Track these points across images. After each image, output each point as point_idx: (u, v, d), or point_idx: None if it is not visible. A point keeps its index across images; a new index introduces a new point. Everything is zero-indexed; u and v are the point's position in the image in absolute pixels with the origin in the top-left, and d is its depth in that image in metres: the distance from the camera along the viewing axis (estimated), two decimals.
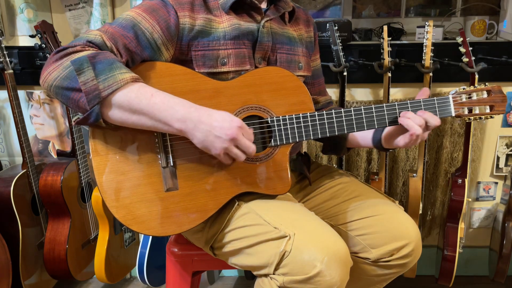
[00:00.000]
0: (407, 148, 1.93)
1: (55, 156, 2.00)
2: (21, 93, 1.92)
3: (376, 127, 1.14)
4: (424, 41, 1.66)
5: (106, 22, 1.20)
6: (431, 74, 1.69)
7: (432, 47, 1.66)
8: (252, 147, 1.01)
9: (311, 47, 1.36)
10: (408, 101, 1.13)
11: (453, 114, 1.15)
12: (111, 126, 1.03)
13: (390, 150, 1.26)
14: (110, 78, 0.96)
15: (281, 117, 1.11)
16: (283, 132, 1.12)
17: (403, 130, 1.12)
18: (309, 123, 1.12)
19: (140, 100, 0.97)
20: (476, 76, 1.67)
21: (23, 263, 1.74)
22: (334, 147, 1.36)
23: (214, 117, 0.99)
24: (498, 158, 1.95)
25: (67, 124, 1.95)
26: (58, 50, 0.99)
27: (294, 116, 1.12)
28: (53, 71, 0.97)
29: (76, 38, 1.03)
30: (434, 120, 1.10)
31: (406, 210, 1.50)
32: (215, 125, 0.98)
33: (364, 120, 1.13)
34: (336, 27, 1.69)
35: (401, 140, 1.14)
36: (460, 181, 1.76)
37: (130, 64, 1.05)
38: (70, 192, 1.79)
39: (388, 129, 1.18)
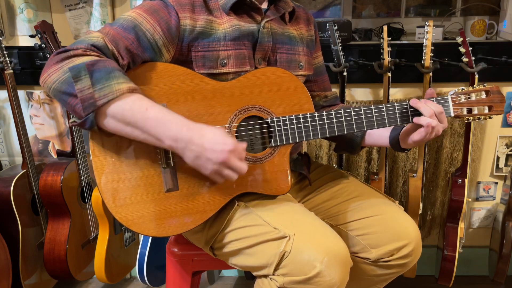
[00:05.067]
0: None
1: (55, 156, 2.00)
2: (21, 93, 1.92)
3: (376, 127, 1.14)
4: (424, 41, 1.66)
5: (107, 23, 1.20)
6: (431, 74, 1.69)
7: (432, 47, 1.66)
8: (243, 168, 1.01)
9: (312, 46, 1.36)
10: (407, 102, 1.13)
11: (452, 115, 1.15)
12: (106, 133, 1.02)
13: (407, 151, 1.23)
14: (106, 88, 0.95)
15: (281, 118, 1.11)
16: (283, 133, 1.12)
17: (418, 126, 1.12)
18: (309, 124, 1.12)
19: (133, 113, 0.96)
20: (476, 76, 1.67)
21: (23, 263, 1.74)
22: (348, 146, 1.34)
23: (206, 138, 0.98)
24: (498, 158, 1.95)
25: (67, 124, 1.95)
26: (59, 52, 0.99)
27: (294, 116, 1.12)
28: (53, 74, 0.97)
29: (78, 40, 1.02)
30: (436, 107, 1.10)
31: (406, 210, 1.50)
32: (206, 147, 0.97)
33: (364, 121, 1.13)
34: (336, 27, 1.68)
35: (415, 135, 1.12)
36: (460, 181, 1.76)
37: (132, 66, 1.05)
38: (70, 192, 1.79)
39: (406, 128, 1.16)
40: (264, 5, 1.21)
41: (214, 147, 0.97)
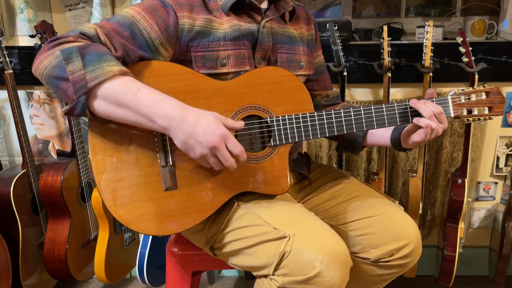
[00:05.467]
0: None
1: (55, 156, 2.00)
2: (21, 93, 1.92)
3: (375, 127, 1.14)
4: (424, 41, 1.66)
5: (105, 18, 1.20)
6: (431, 74, 1.69)
7: (432, 47, 1.66)
8: (230, 161, 0.98)
9: (313, 45, 1.36)
10: (407, 102, 1.13)
11: (452, 115, 1.15)
12: (98, 120, 1.01)
13: (408, 151, 1.24)
14: (97, 69, 0.94)
15: (280, 117, 1.11)
16: (282, 132, 1.12)
17: (418, 127, 1.11)
18: (309, 123, 1.12)
19: (126, 93, 0.95)
20: (476, 76, 1.67)
21: (23, 263, 1.74)
22: (349, 146, 1.35)
23: (200, 120, 0.96)
24: (498, 158, 1.95)
25: (67, 124, 1.95)
26: (51, 40, 1.00)
27: (293, 116, 1.12)
28: (44, 60, 0.97)
29: (70, 30, 1.03)
30: (436, 108, 1.10)
31: (406, 210, 1.49)
32: (197, 129, 0.95)
33: (364, 121, 1.13)
34: (336, 27, 1.68)
35: (415, 136, 1.12)
36: (460, 181, 1.75)
37: (127, 60, 1.05)
38: (70, 192, 1.79)
39: (407, 128, 1.16)
40: (264, 5, 1.21)
41: (206, 130, 0.95)
